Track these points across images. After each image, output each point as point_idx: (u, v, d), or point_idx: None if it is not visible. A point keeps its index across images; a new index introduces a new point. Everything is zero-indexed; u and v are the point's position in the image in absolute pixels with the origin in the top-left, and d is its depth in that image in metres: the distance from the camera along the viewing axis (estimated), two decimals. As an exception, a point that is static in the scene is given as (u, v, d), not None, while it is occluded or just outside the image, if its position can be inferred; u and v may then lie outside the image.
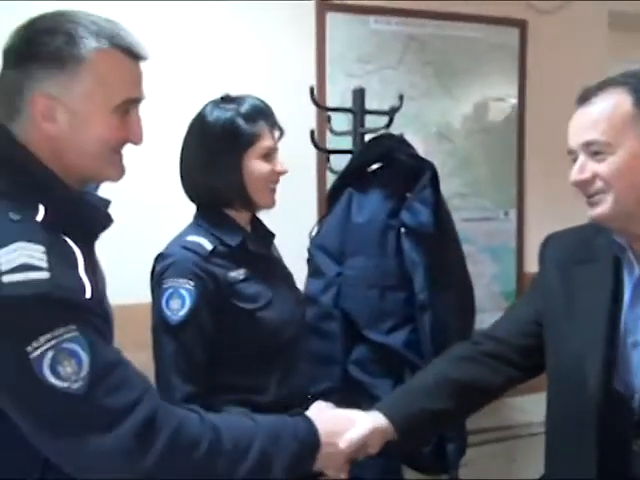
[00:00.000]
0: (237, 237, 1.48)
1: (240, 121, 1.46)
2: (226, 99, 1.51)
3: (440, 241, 1.89)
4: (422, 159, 1.92)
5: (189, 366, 1.39)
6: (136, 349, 2.06)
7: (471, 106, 2.71)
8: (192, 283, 1.39)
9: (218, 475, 1.01)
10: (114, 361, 0.97)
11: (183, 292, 1.38)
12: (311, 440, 1.13)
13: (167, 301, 1.39)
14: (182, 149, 1.54)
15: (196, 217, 1.53)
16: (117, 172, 1.11)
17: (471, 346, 1.43)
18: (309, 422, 1.16)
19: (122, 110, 1.05)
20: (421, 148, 2.06)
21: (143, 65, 2.01)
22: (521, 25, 2.77)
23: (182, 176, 1.55)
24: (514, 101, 2.78)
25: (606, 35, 2.93)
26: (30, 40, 1.00)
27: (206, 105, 1.52)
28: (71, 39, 0.99)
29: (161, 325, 1.41)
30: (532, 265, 2.82)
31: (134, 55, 1.06)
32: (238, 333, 1.44)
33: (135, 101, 1.08)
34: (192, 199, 1.55)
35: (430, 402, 1.31)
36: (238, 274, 1.45)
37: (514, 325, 1.42)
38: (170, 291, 1.39)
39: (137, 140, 1.10)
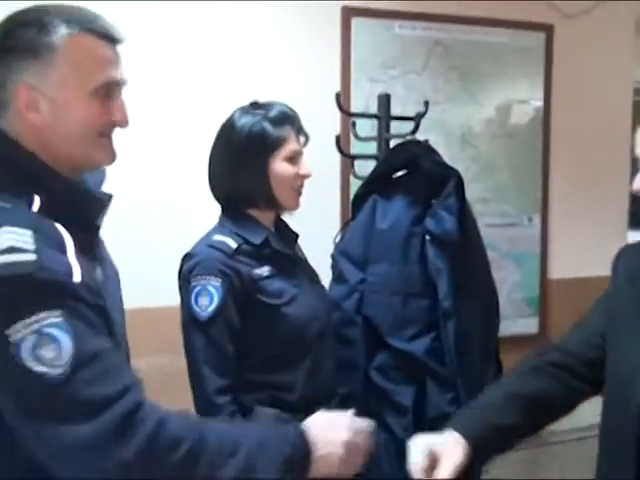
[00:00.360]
0: (261, 236, 1.53)
1: (267, 125, 1.51)
2: (254, 105, 1.56)
3: (464, 249, 1.88)
4: (447, 166, 1.91)
5: (220, 360, 1.45)
6: (158, 352, 2.12)
7: (495, 111, 2.70)
8: (219, 280, 1.44)
9: (200, 477, 0.98)
10: (99, 351, 0.95)
11: (211, 289, 1.44)
12: (301, 443, 1.09)
13: (196, 298, 1.45)
14: (211, 152, 1.59)
15: (221, 218, 1.58)
16: (107, 156, 1.12)
17: (538, 358, 1.41)
18: (299, 427, 1.13)
19: (102, 93, 1.07)
20: (444, 153, 2.06)
21: (174, 73, 2.04)
22: (547, 29, 2.76)
23: (210, 178, 1.59)
24: (539, 106, 2.77)
25: (632, 40, 2.91)
26: (6, 34, 1.03)
27: (235, 111, 1.56)
28: (43, 28, 1.02)
29: (191, 321, 1.46)
30: (556, 271, 2.82)
31: (108, 38, 1.08)
32: (264, 329, 1.50)
33: (115, 84, 1.09)
34: (219, 200, 1.60)
35: (502, 418, 1.30)
36: (262, 271, 1.50)
37: (581, 336, 1.40)
38: (198, 288, 1.45)
39: (121, 122, 1.11)
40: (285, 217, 1.65)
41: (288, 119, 1.54)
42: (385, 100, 2.13)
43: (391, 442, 1.85)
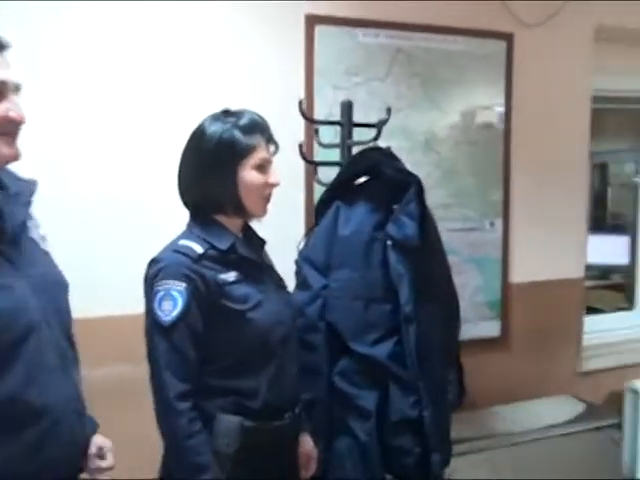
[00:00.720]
0: (227, 241, 1.54)
1: (237, 133, 1.52)
2: (225, 113, 1.57)
3: (426, 254, 1.91)
4: (408, 172, 1.94)
5: (182, 365, 1.45)
6: (121, 361, 2.11)
7: (457, 117, 2.74)
8: (183, 284, 1.45)
9: None
10: None
11: (175, 293, 1.44)
12: None
13: (159, 302, 1.45)
14: (181, 158, 1.59)
15: (189, 224, 1.59)
16: (6, 154, 1.21)
17: None
18: None
19: None
20: (407, 159, 2.08)
21: (138, 79, 2.02)
22: (508, 38, 2.80)
23: (180, 184, 1.60)
24: (500, 112, 2.81)
25: (591, 47, 2.97)
26: None
27: (206, 118, 1.57)
28: None
29: (154, 326, 1.47)
30: (517, 275, 2.87)
31: None
32: (228, 334, 1.50)
33: (2, 85, 1.18)
34: (187, 206, 1.60)
35: None
36: (228, 276, 1.51)
37: None
38: (162, 293, 1.45)
39: (17, 120, 1.20)
40: (251, 223, 1.66)
41: (258, 128, 1.56)
42: (347, 107, 2.15)
43: (355, 447, 1.87)
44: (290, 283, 1.91)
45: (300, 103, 2.15)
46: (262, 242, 1.70)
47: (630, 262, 3.57)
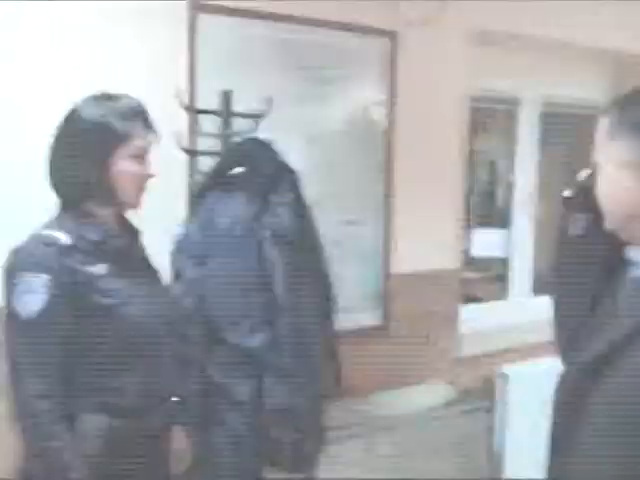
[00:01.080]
0: (99, 232, 1.48)
1: (114, 119, 1.46)
2: (103, 96, 1.50)
3: (301, 245, 1.94)
4: (284, 164, 1.97)
5: (42, 363, 1.38)
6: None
7: (341, 112, 2.78)
8: (47, 277, 1.38)
9: None
10: None
11: (36, 286, 1.37)
12: None
13: (20, 295, 1.37)
14: (52, 142, 1.50)
15: (58, 212, 1.51)
16: None
17: None
18: None
19: None
20: (290, 152, 2.10)
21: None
22: (391, 36, 2.88)
23: (50, 169, 1.51)
24: (383, 108, 2.89)
25: (469, 48, 3.09)
26: None
27: (81, 100, 1.49)
28: None
29: (13, 320, 1.39)
30: (397, 266, 2.96)
31: None
32: (97, 330, 1.44)
33: None
34: (58, 193, 1.52)
35: None
36: (98, 269, 1.45)
37: None
38: (22, 286, 1.37)
39: None
40: (131, 213, 1.60)
41: (137, 114, 1.50)
42: (225, 97, 2.15)
43: (230, 437, 1.88)
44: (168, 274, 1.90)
45: (178, 92, 2.12)
46: (136, 232, 1.64)
47: (506, 255, 3.78)
